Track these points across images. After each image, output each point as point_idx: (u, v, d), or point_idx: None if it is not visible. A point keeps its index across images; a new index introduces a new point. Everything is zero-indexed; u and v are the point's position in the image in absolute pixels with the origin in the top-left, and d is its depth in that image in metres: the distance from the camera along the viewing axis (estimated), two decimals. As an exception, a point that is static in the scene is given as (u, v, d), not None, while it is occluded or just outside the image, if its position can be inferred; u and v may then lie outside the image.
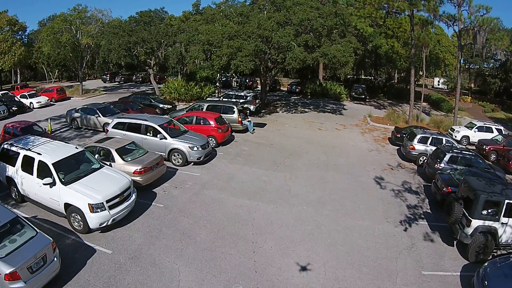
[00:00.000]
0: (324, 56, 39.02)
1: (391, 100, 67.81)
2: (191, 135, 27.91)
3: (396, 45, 64.86)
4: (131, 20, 55.89)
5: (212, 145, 29.74)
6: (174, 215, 19.41)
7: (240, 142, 33.80)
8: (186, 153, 26.12)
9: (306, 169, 27.56)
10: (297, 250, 16.83)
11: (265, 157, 29.78)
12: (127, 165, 21.41)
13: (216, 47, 39.72)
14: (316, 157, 30.58)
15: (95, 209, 16.49)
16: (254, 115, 43.97)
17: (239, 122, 35.79)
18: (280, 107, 53.27)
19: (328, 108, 54.24)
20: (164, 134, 26.56)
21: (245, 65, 37.09)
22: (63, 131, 36.57)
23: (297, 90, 67.22)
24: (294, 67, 42.64)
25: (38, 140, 20.82)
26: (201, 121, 31.87)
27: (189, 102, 51.29)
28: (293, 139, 35.69)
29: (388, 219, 20.51)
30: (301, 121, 44.25)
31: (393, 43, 65.11)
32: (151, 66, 56.78)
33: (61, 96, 56.91)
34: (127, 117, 29.70)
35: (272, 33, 37.81)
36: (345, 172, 27.53)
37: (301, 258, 16.25)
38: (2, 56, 69.61)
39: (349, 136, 38.68)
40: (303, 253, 16.63)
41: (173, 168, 25.83)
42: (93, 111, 36.26)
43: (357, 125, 44.04)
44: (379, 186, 25.38)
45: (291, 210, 20.71)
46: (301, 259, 16.18)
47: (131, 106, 40.55)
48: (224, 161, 28.22)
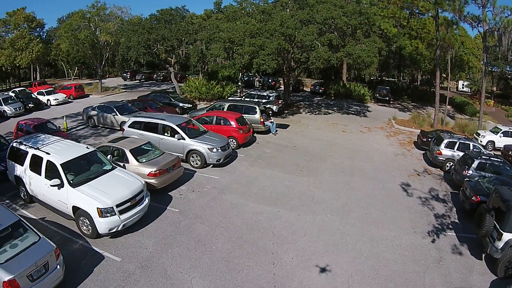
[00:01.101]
0: (349, 56, 37.64)
1: (415, 102, 66.10)
2: (211, 136, 26.60)
3: (420, 46, 63.46)
4: (152, 18, 55.12)
5: (232, 146, 28.51)
6: (189, 221, 18.19)
7: (262, 143, 32.48)
8: (205, 155, 24.86)
9: (330, 174, 26.18)
10: (320, 263, 15.51)
11: (288, 160, 28.43)
12: (141, 167, 20.23)
13: (237, 45, 38.60)
14: (341, 161, 29.20)
15: (104, 214, 15.43)
16: (277, 116, 42.68)
17: (261, 123, 34.40)
18: (304, 108, 51.90)
19: (352, 110, 52.79)
20: (182, 135, 25.34)
21: (267, 64, 35.84)
22: (79, 129, 35.89)
23: (320, 90, 65.84)
24: (318, 67, 41.30)
25: (48, 139, 19.94)
26: (221, 121, 30.51)
27: (210, 102, 50.15)
28: (316, 142, 34.32)
29: (416, 229, 19.19)
30: (324, 122, 42.88)
31: (417, 44, 63.67)
32: (171, 64, 56.04)
33: (79, 94, 56.52)
34: (144, 116, 28.55)
35: (295, 32, 36.50)
36: (370, 178, 26.14)
37: (324, 272, 14.98)
38: (19, 53, 69.19)
39: (374, 139, 37.26)
40: (327, 267, 15.33)
41: (191, 170, 24.64)
42: (110, 109, 35.37)
43: (382, 128, 42.53)
44: (406, 193, 24.00)
45: (314, 218, 19.38)
46: (324, 273, 14.91)
47: (150, 105, 39.50)
48: (245, 164, 26.94)
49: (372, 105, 59.51)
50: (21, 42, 68.98)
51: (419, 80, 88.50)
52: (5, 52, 68.35)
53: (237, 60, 38.63)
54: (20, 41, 68.95)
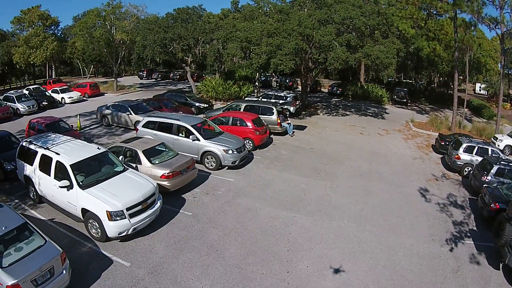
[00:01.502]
0: (367, 57, 36.73)
1: (432, 104, 64.88)
2: (226, 137, 25.89)
3: (438, 48, 62.43)
4: (168, 16, 54.84)
5: (248, 148, 27.86)
6: (202, 225, 17.56)
7: (278, 145, 31.72)
8: (220, 157, 24.20)
9: (348, 178, 25.41)
10: (335, 272, 14.87)
11: (305, 163, 27.67)
12: (154, 168, 19.64)
13: (254, 45, 37.96)
14: (359, 165, 28.40)
15: (114, 217, 14.92)
16: (294, 117, 41.91)
17: (278, 124, 33.60)
18: (321, 109, 51.02)
19: (370, 112, 51.81)
20: (197, 135, 24.71)
21: (285, 64, 35.04)
22: (93, 128, 35.64)
23: (338, 92, 64.90)
24: (336, 68, 40.51)
25: (58, 139, 19.51)
26: (237, 122, 29.72)
27: (226, 101, 49.50)
28: (334, 144, 33.55)
29: (434, 237, 18.50)
30: (342, 124, 42.04)
31: (434, 46, 62.65)
32: (188, 63, 55.58)
33: (94, 92, 56.38)
34: (158, 116, 27.86)
35: (313, 32, 35.72)
36: (388, 182, 25.36)
37: (340, 282, 14.32)
38: (34, 51, 69.32)
39: (392, 142, 36.38)
40: (343, 276, 14.68)
41: (206, 172, 24.03)
42: (125, 108, 34.91)
43: (400, 131, 41.56)
44: (424, 198, 23.25)
45: (331, 224, 18.67)
46: (339, 284, 14.23)
47: (165, 104, 38.93)
48: (261, 166, 26.23)
49: (390, 106, 58.46)
50: (35, 40, 69.29)
51: (435, 82, 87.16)
52: (19, 50, 68.62)
53: (254, 60, 37.93)
54: (35, 39, 69.25)
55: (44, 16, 73.00)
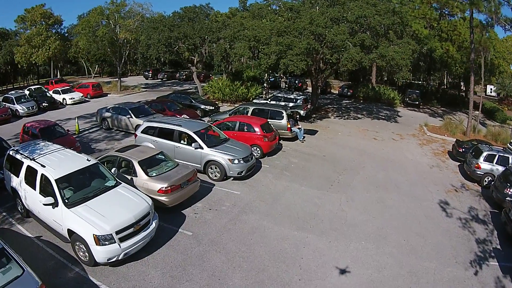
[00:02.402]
0: (382, 58, 34.84)
1: (444, 107, 63.48)
2: (232, 145, 23.84)
3: (451, 49, 60.85)
4: (175, 15, 53.41)
5: (256, 155, 25.91)
6: (203, 247, 15.63)
7: (288, 152, 29.66)
8: (225, 167, 22.10)
9: (363, 189, 23.45)
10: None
11: (317, 172, 25.65)
12: (151, 182, 17.75)
13: (263, 44, 36.04)
14: (374, 174, 26.46)
15: (102, 242, 13.16)
16: (304, 120, 39.89)
17: (288, 129, 31.44)
18: (332, 112, 49.16)
19: (382, 115, 49.97)
20: (200, 143, 22.61)
21: (295, 64, 33.14)
22: (92, 132, 34.05)
23: (348, 93, 63.42)
24: (349, 69, 38.70)
25: (47, 148, 17.76)
26: (244, 128, 27.67)
27: (234, 103, 47.97)
28: (347, 150, 31.58)
29: (457, 258, 16.73)
30: (354, 128, 40.15)
31: (448, 47, 61.21)
32: (194, 63, 53.95)
33: (97, 93, 55.11)
34: (158, 120, 25.70)
35: (326, 30, 33.86)
36: (406, 194, 23.49)
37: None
38: (36, 50, 67.90)
39: (407, 148, 34.51)
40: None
41: (209, 183, 22.01)
42: (125, 111, 33.08)
43: (414, 135, 39.68)
44: (445, 213, 21.43)
45: (347, 247, 16.73)
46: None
47: (169, 107, 37.01)
48: (270, 176, 24.15)
49: (402, 109, 56.75)
50: (38, 39, 67.82)
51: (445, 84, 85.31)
52: (21, 49, 67.32)
53: (262, 60, 35.97)
54: (37, 38, 67.81)
55: (46, 14, 71.51)
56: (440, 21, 64.19)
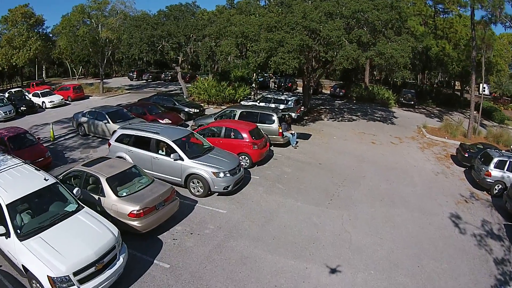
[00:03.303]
0: (380, 56, 32.28)
1: (440, 107, 61.52)
2: (217, 155, 20.91)
3: (447, 47, 59.34)
4: (160, 14, 50.95)
5: (245, 165, 23.26)
6: (182, 284, 12.84)
7: (280, 160, 26.89)
8: (209, 181, 19.19)
9: (367, 204, 20.77)
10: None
11: (314, 184, 22.88)
12: (120, 203, 14.91)
13: (252, 41, 33.27)
14: (377, 184, 23.84)
15: (58, 284, 10.66)
16: (296, 123, 37.11)
17: (280, 134, 28.65)
18: (325, 113, 46.50)
19: (377, 116, 47.66)
20: (179, 154, 19.69)
21: (287, 63, 30.35)
22: (67, 138, 31.16)
23: (341, 93, 61.09)
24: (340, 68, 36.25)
25: (5, 163, 14.98)
26: (231, 134, 24.78)
27: (220, 105, 45.37)
28: (345, 157, 28.93)
29: (478, 285, 14.73)
30: (350, 131, 37.62)
31: (444, 45, 59.76)
32: (179, 63, 51.37)
33: (78, 95, 52.18)
34: (134, 127, 22.68)
35: (320, 26, 31.21)
36: (414, 208, 20.96)
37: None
38: (16, 51, 64.93)
39: (408, 152, 32.07)
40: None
41: (191, 200, 19.17)
42: (102, 115, 30.23)
43: (414, 138, 37.34)
44: (458, 229, 19.17)
45: (354, 279, 14.07)
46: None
47: (150, 110, 34.25)
48: (260, 190, 21.28)
49: (397, 110, 54.56)
50: (18, 39, 65.05)
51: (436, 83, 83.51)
52: (1, 50, 64.45)
53: (251, 59, 33.22)
54: (17, 39, 65.01)
55: (27, 14, 68.60)
56: (435, 18, 63.33)
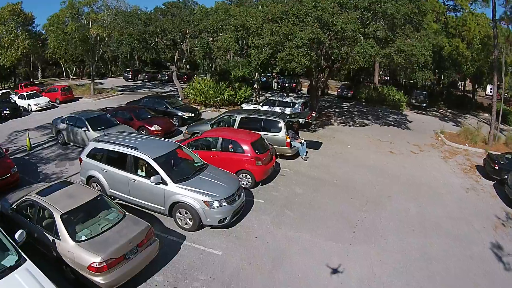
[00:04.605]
0: (400, 54, 28.39)
1: (452, 109, 57.87)
2: (212, 176, 16.39)
3: (461, 46, 55.89)
4: (157, 11, 48.04)
5: (246, 185, 19.20)
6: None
7: (289, 176, 22.50)
8: (200, 212, 14.75)
9: (397, 235, 16.59)
10: None
11: (331, 209, 18.54)
12: (78, 251, 10.91)
13: (254, 35, 29.20)
14: (405, 207, 19.64)
15: None
16: (304, 129, 32.66)
17: (288, 145, 24.00)
18: (334, 117, 42.43)
19: (390, 120, 43.79)
20: (162, 176, 15.32)
21: (297, 60, 26.28)
22: (45, 147, 27.57)
23: (349, 95, 57.47)
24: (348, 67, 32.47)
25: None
26: (229, 146, 20.18)
27: (219, 108, 41.48)
28: (363, 171, 24.66)
29: None
30: (364, 138, 33.53)
31: (457, 44, 56.36)
32: (174, 62, 47.96)
33: (67, 97, 48.96)
34: (109, 140, 18.13)
35: (333, 18, 27.17)
36: (450, 236, 17.01)
37: None
38: (4, 51, 61.57)
39: (431, 163, 27.98)
40: None
41: (177, 235, 14.98)
42: (81, 121, 26.28)
43: (433, 146, 33.29)
44: (502, 264, 15.42)
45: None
46: None
47: (138, 114, 30.19)
48: (266, 220, 16.83)
49: (409, 112, 50.96)
50: (6, 38, 61.62)
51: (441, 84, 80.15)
52: None
53: (253, 56, 29.19)
54: (5, 38, 61.63)
55: (16, 11, 65.03)
56: (447, 15, 60.54)
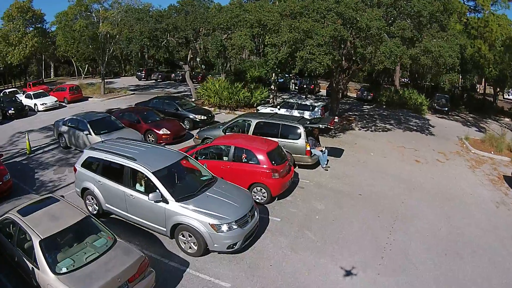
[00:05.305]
0: (427, 54, 26.27)
1: (473, 113, 55.89)
2: (221, 193, 14.07)
3: (483, 48, 53.96)
4: (171, 9, 46.16)
5: (260, 200, 17.06)
6: None
7: (308, 188, 20.18)
8: (206, 237, 12.58)
9: (429, 262, 14.15)
10: None
11: (356, 229, 16.21)
12: (58, 285, 9.03)
13: (271, 32, 27.02)
14: (435, 225, 17.29)
15: None
16: (323, 134, 30.05)
17: (308, 153, 21.56)
18: (355, 121, 39.89)
19: (412, 124, 41.43)
20: (162, 192, 13.14)
21: (318, 59, 24.03)
22: (46, 151, 25.99)
23: (369, 97, 55.30)
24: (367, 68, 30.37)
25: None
26: (242, 156, 17.81)
27: (234, 110, 39.42)
28: (389, 182, 22.33)
29: None
30: (388, 144, 31.20)
31: (480, 45, 54.32)
32: (187, 61, 46.24)
33: (75, 97, 47.55)
34: (106, 147, 15.96)
35: (357, 14, 24.96)
36: (486, 262, 14.55)
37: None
38: (12, 49, 60.39)
39: (459, 174, 25.57)
40: None
41: (179, 261, 12.83)
42: (83, 124, 24.39)
43: (459, 154, 30.90)
44: None
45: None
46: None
47: (145, 117, 28.17)
48: (282, 243, 14.46)
49: (431, 116, 48.76)
50: (14, 36, 60.65)
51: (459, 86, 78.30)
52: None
53: (270, 55, 27.05)
54: (13, 35, 60.63)
55: (24, 8, 63.81)
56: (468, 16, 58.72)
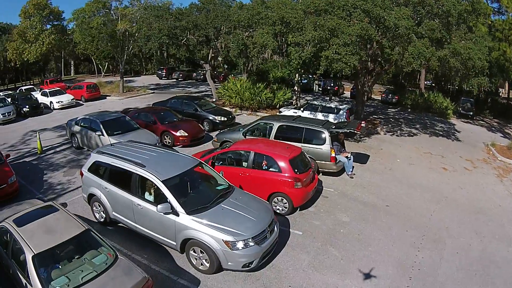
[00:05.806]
0: (456, 56, 24.80)
1: (497, 118, 54.35)
2: (238, 206, 12.73)
3: (508, 51, 51.48)
4: (192, 7, 45.37)
5: (282, 211, 15.82)
6: None
7: (333, 198, 18.72)
8: (219, 254, 11.31)
9: (457, 284, 12.85)
10: None
11: (383, 246, 14.78)
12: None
13: (294, 30, 25.64)
14: (466, 243, 15.84)
15: None
16: (348, 138, 28.49)
17: (332, 160, 20.16)
18: (380, 125, 38.35)
19: (438, 129, 39.87)
20: (172, 204, 11.92)
21: (344, 59, 22.60)
22: (58, 151, 25.23)
23: (393, 100, 53.75)
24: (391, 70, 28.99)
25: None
26: (262, 163, 16.39)
27: (256, 111, 38.13)
28: (416, 193, 20.87)
29: None
30: (414, 150, 29.72)
31: (505, 48, 51.88)
32: (207, 60, 45.17)
33: (93, 95, 46.84)
34: (114, 151, 14.72)
35: (385, 13, 23.49)
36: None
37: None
38: (29, 46, 60.17)
39: (487, 183, 24.06)
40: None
41: (189, 279, 11.65)
42: (96, 124, 23.36)
43: (486, 161, 29.40)
44: None
45: None
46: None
47: (162, 117, 26.87)
48: (303, 261, 13.13)
49: (456, 121, 47.21)
50: (31, 32, 60.36)
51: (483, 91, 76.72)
52: (12, 44, 60.17)
53: (293, 54, 25.49)
54: (30, 32, 60.39)
55: (41, 5, 63.48)
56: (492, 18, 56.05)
